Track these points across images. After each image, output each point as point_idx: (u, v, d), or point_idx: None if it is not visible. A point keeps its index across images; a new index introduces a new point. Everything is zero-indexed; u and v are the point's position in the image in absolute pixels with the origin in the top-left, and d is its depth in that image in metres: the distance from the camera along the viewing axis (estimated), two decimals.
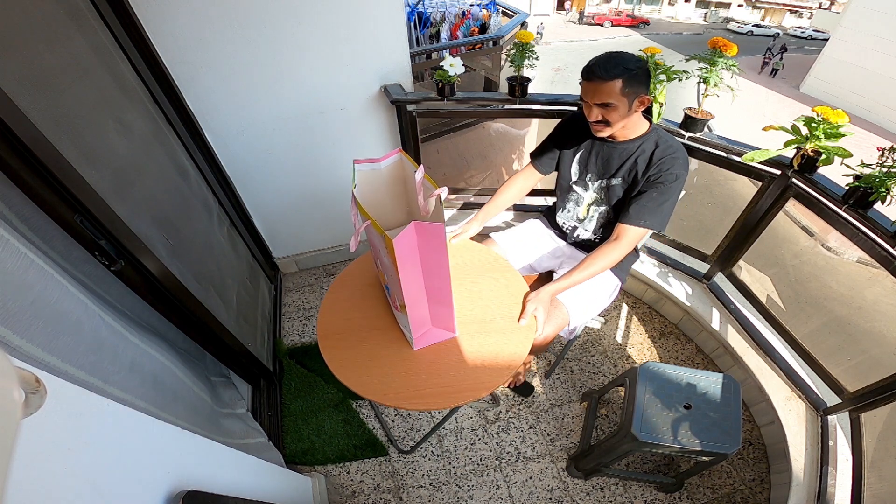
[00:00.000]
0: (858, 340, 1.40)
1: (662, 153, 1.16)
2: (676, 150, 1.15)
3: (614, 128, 1.15)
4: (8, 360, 0.30)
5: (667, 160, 1.15)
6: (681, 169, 1.15)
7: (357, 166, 0.98)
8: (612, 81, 1.06)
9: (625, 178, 1.23)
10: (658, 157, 1.16)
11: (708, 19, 37.99)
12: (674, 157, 1.14)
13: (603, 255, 1.18)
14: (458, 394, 0.94)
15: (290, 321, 2.03)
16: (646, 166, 1.18)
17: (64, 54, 0.90)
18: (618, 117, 1.12)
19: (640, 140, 1.20)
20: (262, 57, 1.45)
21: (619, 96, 1.08)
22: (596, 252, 1.20)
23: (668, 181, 1.14)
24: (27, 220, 0.72)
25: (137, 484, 0.61)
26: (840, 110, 1.16)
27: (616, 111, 1.11)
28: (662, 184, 1.14)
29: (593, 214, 1.36)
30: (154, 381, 0.89)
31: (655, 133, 1.21)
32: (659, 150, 1.16)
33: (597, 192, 1.32)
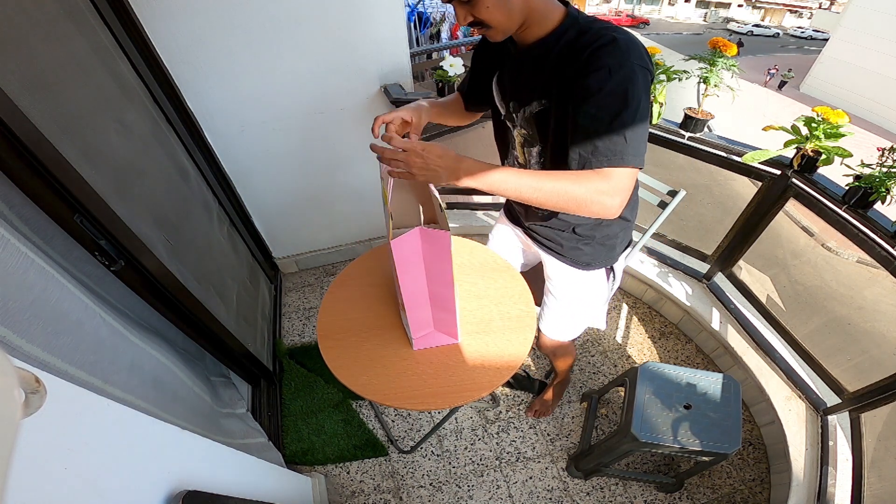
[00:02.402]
0: (858, 340, 1.40)
1: (586, 42, 0.72)
2: (606, 33, 0.72)
3: (499, 27, 0.75)
4: (8, 360, 0.30)
5: (592, 50, 0.71)
6: (617, 57, 0.69)
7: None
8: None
9: (546, 95, 0.81)
10: (584, 51, 0.72)
11: (708, 19, 38.01)
12: (601, 44, 0.70)
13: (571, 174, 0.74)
14: (457, 394, 0.94)
15: (290, 321, 2.03)
16: (576, 66, 0.73)
17: (64, 54, 0.90)
18: (494, 9, 0.71)
19: (554, 35, 0.78)
20: (262, 57, 1.45)
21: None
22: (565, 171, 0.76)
23: (599, 83, 0.69)
24: (27, 220, 0.72)
25: (137, 484, 0.61)
26: (840, 110, 1.16)
27: (479, 5, 0.70)
28: (591, 89, 0.70)
29: (529, 160, 0.96)
30: (154, 381, 0.89)
31: (576, 21, 0.77)
32: (581, 40, 0.73)
33: (523, 125, 0.90)
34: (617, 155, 0.71)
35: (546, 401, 1.63)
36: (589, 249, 1.07)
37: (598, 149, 0.72)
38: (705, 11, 38.77)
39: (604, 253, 1.08)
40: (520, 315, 1.10)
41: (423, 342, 1.01)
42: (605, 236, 1.05)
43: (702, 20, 37.93)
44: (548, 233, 1.09)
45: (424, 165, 0.73)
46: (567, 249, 1.08)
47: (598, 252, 1.07)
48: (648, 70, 0.72)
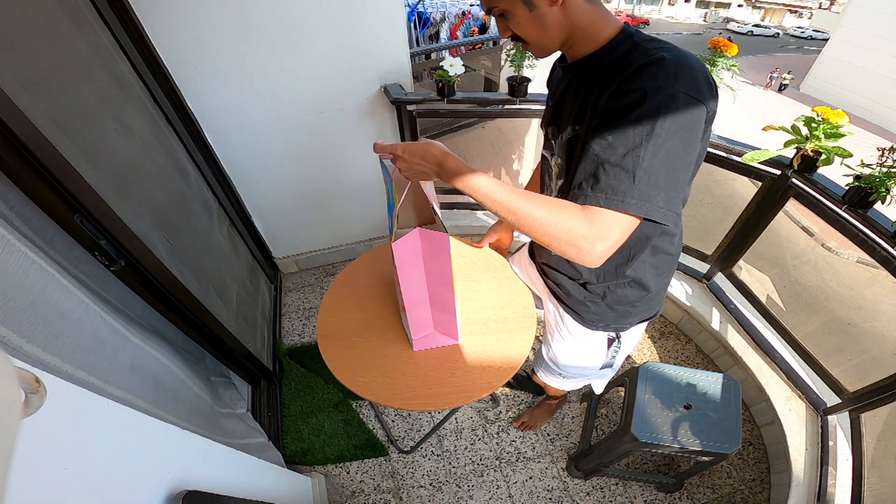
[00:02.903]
0: (858, 340, 1.40)
1: (632, 59, 0.62)
2: (656, 52, 0.60)
3: (536, 43, 0.69)
4: (8, 360, 0.30)
5: (634, 70, 0.59)
6: (659, 80, 0.57)
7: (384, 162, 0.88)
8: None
9: (579, 120, 0.71)
10: (623, 67, 0.62)
11: (708, 19, 38.00)
12: (645, 63, 0.59)
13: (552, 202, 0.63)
14: (457, 394, 0.94)
15: (290, 321, 2.03)
16: (605, 90, 0.64)
17: (64, 54, 0.90)
18: (526, 25, 0.66)
19: (603, 51, 0.68)
20: (262, 57, 1.45)
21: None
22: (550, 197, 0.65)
23: (628, 107, 0.58)
24: (27, 220, 0.72)
25: (137, 484, 0.61)
26: (840, 110, 1.16)
27: (512, 17, 0.66)
28: (617, 113, 0.60)
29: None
30: (154, 381, 0.89)
31: (630, 38, 0.66)
32: (629, 58, 0.63)
33: (559, 153, 0.80)
34: (616, 195, 0.58)
35: (536, 414, 1.60)
36: (595, 308, 0.94)
37: (598, 182, 0.60)
38: (705, 11, 38.76)
39: (611, 317, 0.94)
40: (519, 316, 1.10)
41: (423, 343, 1.01)
42: (617, 300, 0.90)
43: (702, 20, 37.93)
44: (556, 276, 0.98)
45: (408, 167, 0.70)
46: (572, 300, 0.97)
47: (604, 313, 0.94)
48: (701, 101, 0.58)
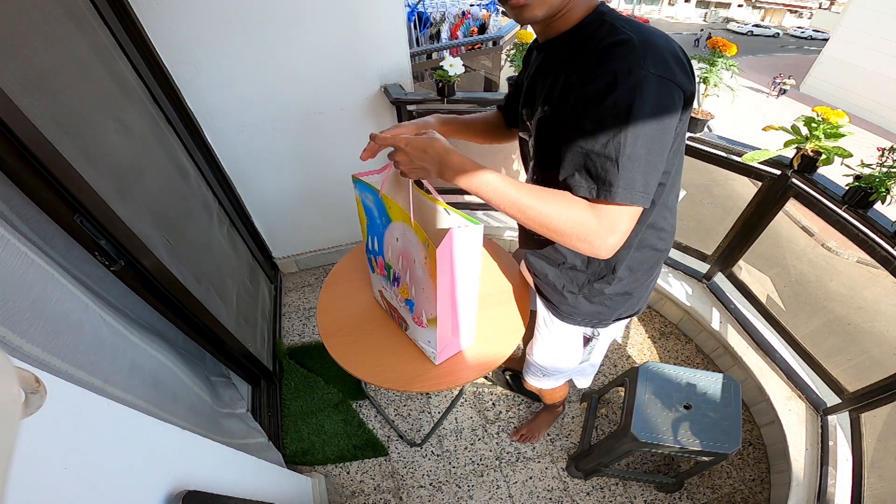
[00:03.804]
0: (858, 340, 1.40)
1: (599, 38, 0.61)
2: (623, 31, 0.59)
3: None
4: (8, 360, 0.30)
5: (601, 51, 0.59)
6: (629, 62, 0.56)
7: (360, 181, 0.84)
8: None
9: (549, 100, 0.69)
10: (591, 47, 0.61)
11: (708, 19, 38.02)
12: (611, 43, 0.58)
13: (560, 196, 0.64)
14: (473, 369, 0.97)
15: (290, 321, 2.03)
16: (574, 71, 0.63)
17: (64, 54, 0.90)
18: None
19: (575, 29, 0.66)
20: (262, 57, 1.45)
21: None
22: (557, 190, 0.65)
23: (600, 91, 0.57)
24: (27, 220, 0.72)
25: (137, 484, 0.61)
26: (840, 110, 1.16)
27: None
28: (590, 100, 0.59)
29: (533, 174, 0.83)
30: (154, 381, 0.89)
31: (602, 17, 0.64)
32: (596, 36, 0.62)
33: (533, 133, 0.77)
34: (605, 185, 0.59)
35: (534, 426, 1.58)
36: (572, 300, 0.90)
37: (591, 176, 0.61)
38: (705, 11, 38.77)
39: (589, 310, 0.90)
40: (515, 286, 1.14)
41: (446, 353, 0.98)
42: (595, 292, 0.87)
43: (702, 20, 37.93)
44: (539, 264, 0.93)
45: (409, 161, 0.68)
46: (550, 290, 0.94)
47: (581, 306, 0.90)
48: (673, 82, 0.57)
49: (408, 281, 0.86)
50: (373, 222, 0.88)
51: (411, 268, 0.82)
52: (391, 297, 0.98)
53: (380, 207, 0.82)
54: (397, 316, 1.02)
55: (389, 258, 0.89)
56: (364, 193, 0.85)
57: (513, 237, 2.10)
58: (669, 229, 0.83)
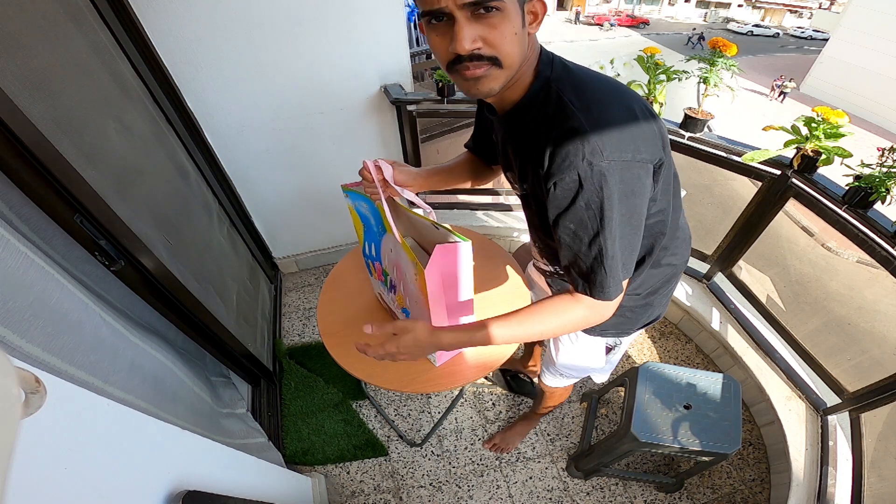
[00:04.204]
0: (858, 340, 1.40)
1: (556, 128, 0.59)
2: (567, 117, 0.58)
3: (511, 67, 0.58)
4: (8, 359, 0.30)
5: (553, 143, 0.58)
6: (587, 158, 0.56)
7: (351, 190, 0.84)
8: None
9: (524, 181, 0.70)
10: (550, 136, 0.59)
11: (708, 19, 38.04)
12: (560, 135, 0.57)
13: (548, 310, 0.70)
14: (473, 369, 0.97)
15: (290, 321, 2.03)
16: (541, 156, 0.61)
17: (64, 54, 0.90)
18: (511, 40, 0.56)
19: (524, 102, 0.65)
20: (262, 57, 1.45)
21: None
22: (540, 304, 0.72)
23: (569, 193, 0.59)
24: (27, 219, 0.72)
25: (137, 484, 0.61)
26: (840, 110, 1.16)
27: (506, 22, 0.54)
28: (562, 202, 0.60)
29: (534, 238, 0.89)
30: (154, 381, 0.89)
31: (547, 84, 0.62)
32: (553, 121, 0.60)
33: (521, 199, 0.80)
34: (597, 287, 0.65)
35: (507, 436, 1.54)
36: None
37: (579, 271, 0.66)
38: (705, 11, 38.78)
39: (613, 323, 0.85)
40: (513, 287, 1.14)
41: (445, 356, 0.99)
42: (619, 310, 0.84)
43: (702, 20, 37.94)
44: (560, 284, 0.98)
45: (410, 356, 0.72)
46: None
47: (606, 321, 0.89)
48: (636, 161, 0.58)
49: (402, 291, 0.87)
50: (370, 229, 0.88)
51: (404, 281, 0.82)
52: (389, 301, 0.99)
53: (376, 215, 0.81)
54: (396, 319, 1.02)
55: (386, 266, 0.89)
56: (357, 202, 0.85)
57: (513, 237, 2.10)
58: (682, 244, 0.86)
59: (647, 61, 1.41)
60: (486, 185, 1.04)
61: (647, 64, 1.41)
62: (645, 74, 1.43)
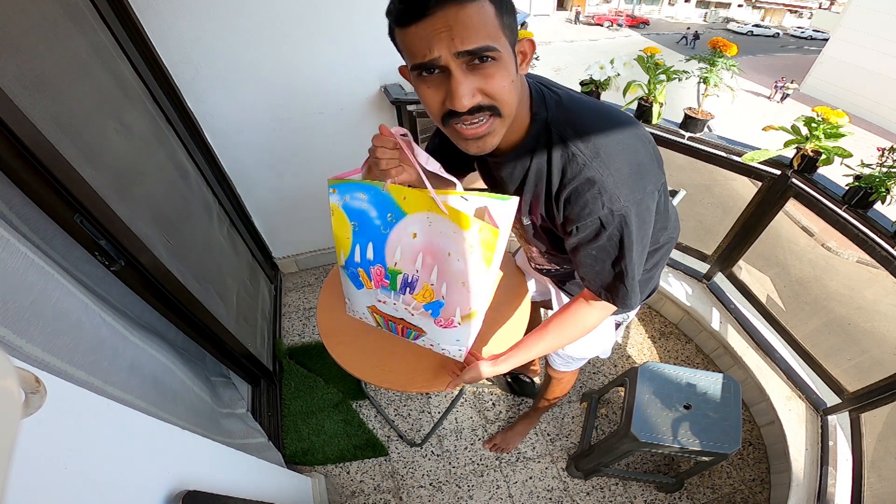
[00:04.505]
0: (858, 340, 1.40)
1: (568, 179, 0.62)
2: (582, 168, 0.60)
3: (506, 118, 0.58)
4: (8, 360, 0.30)
5: (578, 198, 0.61)
6: (607, 205, 0.60)
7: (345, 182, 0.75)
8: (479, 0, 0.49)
9: (531, 213, 0.74)
10: (562, 186, 0.63)
11: (708, 19, 38.06)
12: (580, 186, 0.60)
13: (570, 319, 0.78)
14: None
15: (290, 321, 2.03)
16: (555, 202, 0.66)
17: (64, 54, 0.90)
18: (509, 88, 0.55)
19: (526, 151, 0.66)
20: (262, 57, 1.45)
21: (499, 31, 0.52)
22: (561, 314, 0.80)
23: (592, 232, 0.64)
24: (27, 220, 0.72)
25: (137, 484, 0.61)
26: (840, 110, 1.16)
27: (503, 70, 0.53)
28: (590, 240, 0.65)
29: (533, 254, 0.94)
30: (154, 381, 0.89)
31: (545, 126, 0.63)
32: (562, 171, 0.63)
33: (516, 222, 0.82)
34: (619, 299, 0.72)
35: (508, 436, 1.55)
36: None
37: (605, 287, 0.72)
38: (705, 11, 38.79)
39: None
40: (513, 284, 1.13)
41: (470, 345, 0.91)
42: None
43: (702, 20, 37.95)
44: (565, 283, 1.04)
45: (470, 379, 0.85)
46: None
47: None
48: (646, 193, 0.62)
49: (433, 281, 0.76)
50: (366, 227, 0.76)
51: (442, 264, 0.71)
52: (396, 308, 0.85)
53: (383, 204, 0.71)
54: (402, 327, 0.91)
55: (397, 263, 0.77)
56: (352, 194, 0.74)
57: (512, 238, 2.10)
58: (672, 218, 0.90)
59: (647, 61, 1.41)
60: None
61: (647, 64, 1.41)
62: (645, 74, 1.43)
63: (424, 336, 0.89)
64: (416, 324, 0.87)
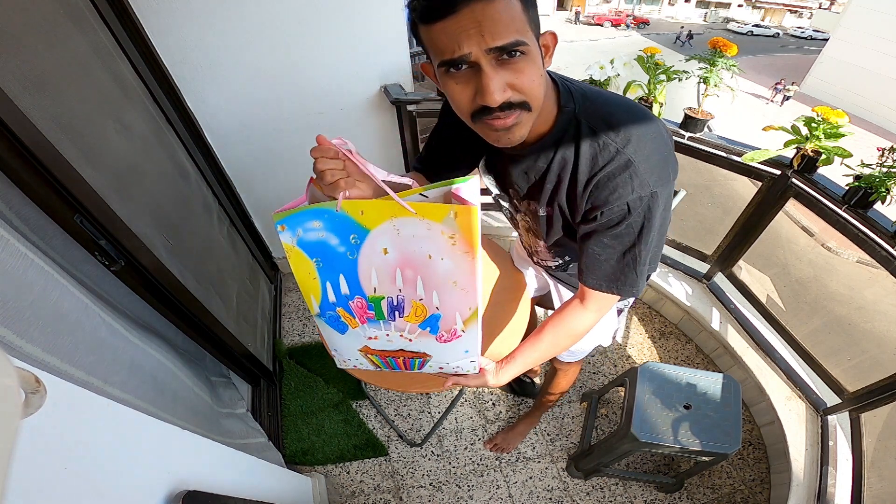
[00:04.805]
0: (858, 340, 1.40)
1: (599, 166, 0.62)
2: (618, 151, 0.61)
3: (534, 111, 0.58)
4: (8, 360, 0.30)
5: (605, 177, 0.62)
6: (637, 189, 0.61)
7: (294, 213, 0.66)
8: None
9: (550, 204, 0.74)
10: (593, 174, 0.63)
11: (708, 19, 38.05)
12: (615, 170, 0.61)
13: (564, 326, 0.77)
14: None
15: (290, 321, 2.03)
16: (581, 190, 0.65)
17: (64, 54, 0.90)
18: (538, 82, 0.56)
19: (551, 142, 0.66)
20: (262, 57, 1.45)
21: (526, 25, 0.52)
22: (554, 320, 0.78)
23: (616, 217, 0.63)
24: (27, 220, 0.72)
25: (137, 484, 0.61)
26: (840, 110, 1.16)
27: (532, 64, 0.54)
28: (610, 227, 0.65)
29: (538, 248, 0.93)
30: (154, 381, 0.89)
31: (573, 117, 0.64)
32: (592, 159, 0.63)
33: (527, 214, 0.83)
34: (626, 288, 0.69)
35: (509, 437, 1.55)
36: None
37: (609, 276, 0.69)
38: (705, 11, 38.79)
39: None
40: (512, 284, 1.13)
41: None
42: None
43: (702, 20, 37.95)
44: (563, 276, 1.02)
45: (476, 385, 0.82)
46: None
47: None
48: (670, 180, 0.64)
49: (420, 295, 0.69)
50: (330, 259, 0.67)
51: (424, 271, 0.65)
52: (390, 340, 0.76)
53: (341, 227, 0.63)
54: (403, 359, 0.81)
55: (376, 288, 0.69)
56: (304, 226, 0.66)
57: (513, 237, 2.10)
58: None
59: (647, 61, 1.41)
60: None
61: (647, 64, 1.41)
62: (645, 74, 1.43)
63: (430, 360, 0.80)
64: (417, 350, 0.78)
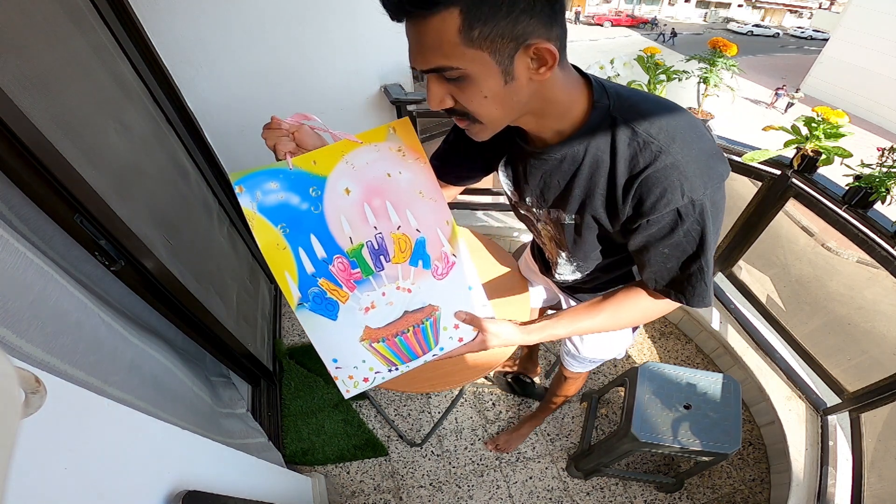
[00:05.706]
0: (858, 340, 1.40)
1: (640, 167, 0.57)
2: (653, 145, 0.55)
3: (491, 124, 0.57)
4: (8, 360, 0.30)
5: (654, 187, 0.56)
6: (686, 193, 0.55)
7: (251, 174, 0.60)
8: (440, 12, 0.46)
9: (579, 211, 0.67)
10: (633, 176, 0.57)
11: (708, 19, 38.06)
12: (654, 170, 0.55)
13: (630, 303, 0.71)
14: (475, 368, 0.98)
15: (290, 321, 2.03)
16: (621, 194, 0.60)
17: (64, 54, 0.90)
18: (491, 103, 0.54)
19: (580, 141, 0.60)
20: (262, 57, 1.46)
21: (463, 47, 0.48)
22: (620, 296, 0.71)
23: (668, 226, 0.59)
24: (27, 220, 0.72)
25: (137, 484, 0.61)
26: (840, 110, 1.16)
27: (473, 86, 0.52)
28: (663, 237, 0.60)
29: (560, 259, 0.84)
30: (154, 381, 0.89)
31: (606, 113, 0.58)
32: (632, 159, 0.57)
33: (549, 223, 0.76)
34: (696, 298, 0.65)
35: (512, 438, 1.54)
36: None
37: (675, 286, 0.65)
38: (705, 11, 38.80)
39: None
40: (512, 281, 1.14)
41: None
42: None
43: (702, 20, 37.97)
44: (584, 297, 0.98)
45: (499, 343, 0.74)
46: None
47: None
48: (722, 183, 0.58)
49: (397, 222, 0.66)
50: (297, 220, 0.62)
51: (389, 193, 0.64)
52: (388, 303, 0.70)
53: (299, 184, 0.61)
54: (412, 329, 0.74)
55: (351, 238, 0.65)
56: (262, 187, 0.60)
57: (513, 237, 2.10)
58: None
59: (647, 61, 1.41)
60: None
61: (647, 64, 1.41)
62: (645, 74, 1.43)
63: (440, 315, 0.73)
64: (421, 304, 0.71)
